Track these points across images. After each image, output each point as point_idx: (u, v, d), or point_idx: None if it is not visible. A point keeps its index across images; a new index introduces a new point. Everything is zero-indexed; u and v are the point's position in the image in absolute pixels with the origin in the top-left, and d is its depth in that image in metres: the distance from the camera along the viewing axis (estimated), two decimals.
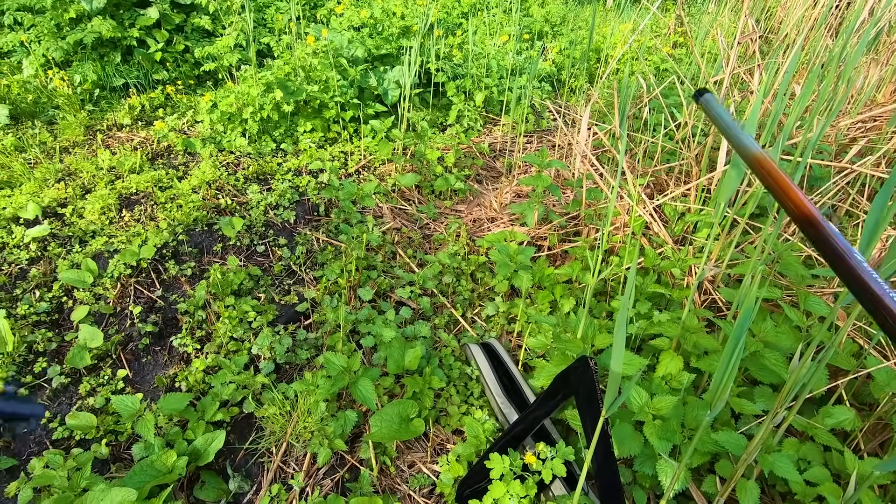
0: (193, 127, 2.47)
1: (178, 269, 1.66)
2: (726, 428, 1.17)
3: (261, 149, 2.36)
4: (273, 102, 2.35)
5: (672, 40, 3.85)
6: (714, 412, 0.85)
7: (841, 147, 2.15)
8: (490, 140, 2.81)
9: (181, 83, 2.71)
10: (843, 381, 1.15)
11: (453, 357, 1.53)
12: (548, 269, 1.72)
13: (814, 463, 1.11)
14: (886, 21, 2.63)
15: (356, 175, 2.34)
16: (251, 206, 1.98)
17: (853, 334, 1.23)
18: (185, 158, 2.24)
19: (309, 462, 1.27)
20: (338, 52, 2.56)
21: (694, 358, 1.29)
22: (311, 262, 1.84)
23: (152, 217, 1.85)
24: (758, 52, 2.19)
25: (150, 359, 1.45)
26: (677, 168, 2.11)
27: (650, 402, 1.15)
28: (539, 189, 1.96)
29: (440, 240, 2.04)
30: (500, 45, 3.21)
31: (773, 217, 1.17)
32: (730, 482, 1.09)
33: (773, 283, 1.46)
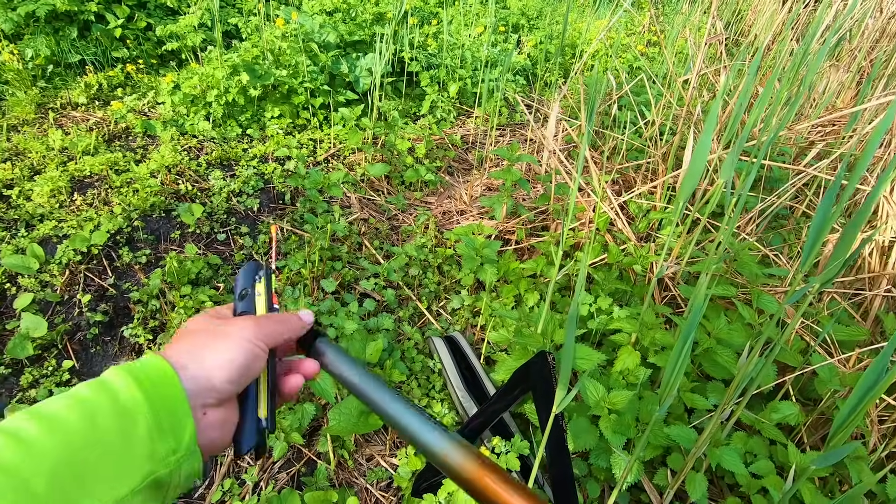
0: (154, 109, 2.38)
1: (133, 257, 1.60)
2: (679, 422, 1.19)
3: (225, 134, 2.29)
4: (239, 86, 2.27)
5: (646, 39, 3.90)
6: (664, 407, 0.86)
7: (801, 150, 2.21)
8: (463, 132, 2.80)
9: (142, 62, 2.60)
10: (790, 378, 1.19)
11: (416, 350, 1.52)
12: (513, 264, 1.73)
13: (760, 456, 1.14)
14: (847, 28, 2.71)
15: (325, 163, 2.29)
16: (213, 192, 1.92)
17: (801, 332, 1.27)
18: (144, 141, 2.15)
19: (264, 457, 1.24)
20: (308, 36, 2.50)
21: (652, 353, 1.31)
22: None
23: (106, 201, 1.78)
24: (724, 53, 2.23)
25: (100, 349, 1.40)
26: (644, 166, 2.14)
27: (606, 397, 1.16)
28: (508, 183, 1.96)
29: (408, 231, 2.02)
30: (475, 37, 3.19)
31: (729, 215, 1.19)
32: (680, 475, 1.11)
33: (729, 281, 1.49)
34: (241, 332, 0.44)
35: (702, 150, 1.06)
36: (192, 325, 0.46)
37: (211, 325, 0.46)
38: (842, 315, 1.33)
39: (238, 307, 0.51)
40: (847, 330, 1.23)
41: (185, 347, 0.42)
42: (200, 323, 0.46)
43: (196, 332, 0.45)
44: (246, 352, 0.43)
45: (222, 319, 0.47)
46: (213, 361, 0.42)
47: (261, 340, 0.45)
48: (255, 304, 0.51)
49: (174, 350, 0.42)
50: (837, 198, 0.75)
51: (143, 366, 0.39)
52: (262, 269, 0.53)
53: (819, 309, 1.33)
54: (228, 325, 0.45)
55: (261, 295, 0.51)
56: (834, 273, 0.83)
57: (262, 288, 0.52)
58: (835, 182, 0.73)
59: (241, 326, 0.45)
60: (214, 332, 0.44)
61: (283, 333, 0.48)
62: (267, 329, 0.46)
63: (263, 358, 0.45)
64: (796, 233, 1.86)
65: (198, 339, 0.44)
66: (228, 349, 0.43)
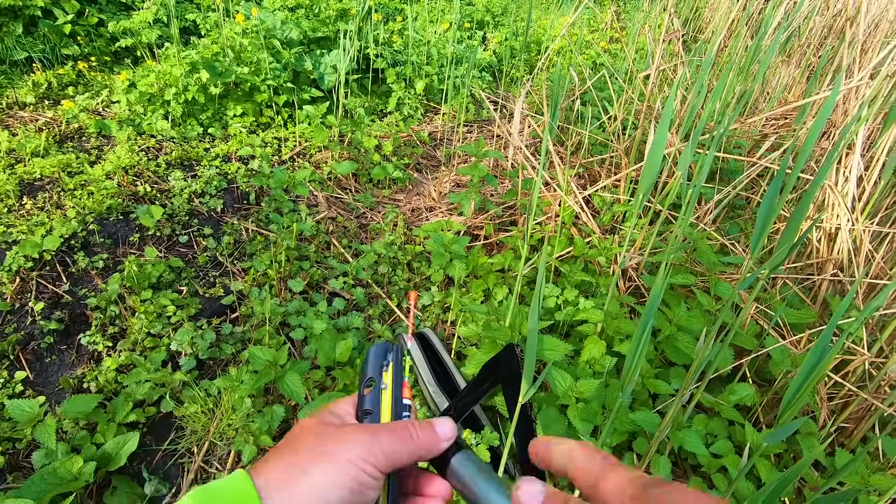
0: (109, 108, 2.29)
1: (89, 262, 1.54)
2: (644, 408, 1.23)
3: (186, 133, 2.22)
4: (199, 84, 2.21)
5: (608, 35, 3.98)
6: (627, 392, 0.89)
7: (755, 142, 2.30)
8: (430, 129, 2.80)
9: (95, 60, 2.50)
10: (746, 360, 1.24)
11: None
12: (482, 259, 1.74)
13: (719, 437, 1.19)
14: (796, 26, 2.83)
15: (290, 162, 2.25)
16: (174, 193, 1.86)
17: (756, 316, 1.33)
18: (98, 142, 2.07)
19: (233, 460, 1.22)
20: (270, 32, 2.45)
21: (617, 342, 1.35)
22: (239, 252, 1.76)
23: (59, 205, 1.70)
24: (681, 49, 2.29)
25: (55, 359, 1.34)
26: (608, 160, 2.19)
27: (574, 386, 1.19)
28: (476, 179, 1.97)
29: (377, 229, 2.01)
30: (441, 33, 3.19)
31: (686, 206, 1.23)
32: (645, 458, 1.15)
33: (689, 270, 1.55)
34: (348, 451, 0.34)
35: (659, 143, 1.10)
36: (301, 431, 0.37)
37: (321, 430, 0.36)
38: (793, 299, 1.40)
39: (363, 404, 0.40)
40: (798, 313, 1.30)
41: (279, 465, 0.34)
42: (311, 427, 0.37)
43: (300, 444, 0.36)
44: (350, 480, 0.34)
45: (336, 426, 0.37)
46: (307, 489, 0.33)
47: (373, 464, 0.35)
48: (382, 400, 0.40)
49: (268, 467, 0.34)
50: (783, 187, 0.79)
51: (224, 487, 0.33)
52: (392, 352, 0.43)
53: (772, 294, 1.40)
54: (335, 437, 0.36)
55: (387, 388, 0.41)
56: (782, 258, 0.87)
57: (390, 377, 0.41)
58: (779, 172, 0.77)
59: (351, 443, 0.35)
60: (316, 447, 0.35)
61: (408, 454, 0.37)
62: (385, 447, 0.36)
63: (376, 486, 0.35)
64: (752, 222, 1.94)
65: (298, 455, 0.35)
66: (327, 475, 0.34)
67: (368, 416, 0.39)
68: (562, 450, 0.34)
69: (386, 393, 0.40)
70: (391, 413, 0.40)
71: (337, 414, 0.39)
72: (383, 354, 0.43)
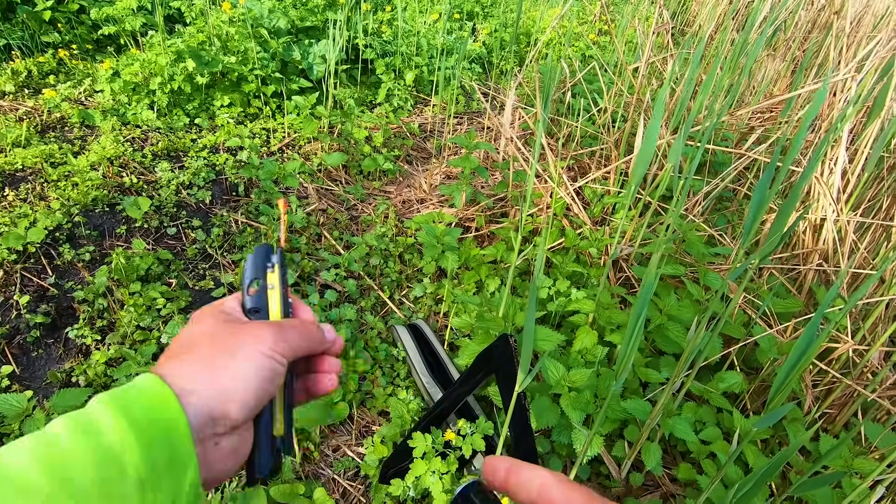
0: (92, 97, 2.24)
1: (75, 254, 1.52)
2: (635, 396, 1.25)
3: (172, 123, 2.18)
4: (185, 73, 2.17)
5: (597, 28, 3.98)
6: (619, 381, 0.90)
7: (742, 135, 2.33)
8: (420, 120, 2.78)
9: (76, 47, 2.44)
10: (734, 349, 1.27)
11: (380, 339, 1.52)
12: (474, 250, 1.75)
13: (708, 424, 1.21)
14: (782, 20, 2.86)
15: (279, 153, 2.23)
16: (161, 185, 1.83)
17: (744, 306, 1.35)
18: (82, 132, 2.03)
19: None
20: (257, 21, 2.41)
21: (608, 332, 1.36)
22: (229, 244, 1.74)
23: (42, 196, 1.67)
24: (671, 42, 2.31)
25: (42, 353, 1.32)
26: (598, 152, 2.20)
27: (567, 376, 1.20)
28: (467, 171, 1.97)
29: (368, 221, 2.00)
30: (430, 24, 3.16)
31: (676, 198, 1.25)
32: (636, 445, 1.17)
33: (678, 260, 1.57)
34: (256, 343, 0.36)
35: (651, 136, 1.11)
36: (197, 328, 0.38)
37: (220, 329, 0.37)
38: (779, 289, 1.43)
39: (247, 302, 0.42)
40: (784, 303, 1.32)
41: (190, 364, 0.34)
42: (206, 324, 0.38)
43: (202, 341, 0.36)
44: (264, 369, 0.36)
45: (232, 323, 0.38)
46: (228, 383, 0.34)
47: (281, 353, 0.37)
48: (269, 299, 0.42)
49: (176, 367, 0.34)
50: (773, 179, 0.80)
51: (137, 393, 0.31)
52: (275, 255, 0.44)
53: (759, 284, 1.42)
54: (242, 332, 0.37)
55: (274, 288, 0.43)
56: (771, 248, 0.88)
57: (277, 279, 0.43)
58: (770, 164, 0.78)
59: (258, 336, 0.37)
60: (226, 343, 0.36)
61: (307, 346, 0.40)
62: (290, 341, 0.38)
63: (282, 373, 0.37)
64: (739, 213, 1.97)
65: (205, 351, 0.35)
66: (243, 367, 0.35)
67: (256, 314, 0.41)
68: (531, 478, 0.30)
69: (274, 294, 0.42)
70: (280, 312, 0.42)
71: (228, 312, 0.40)
72: (266, 256, 0.43)
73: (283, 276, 0.43)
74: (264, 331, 0.38)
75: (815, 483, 0.81)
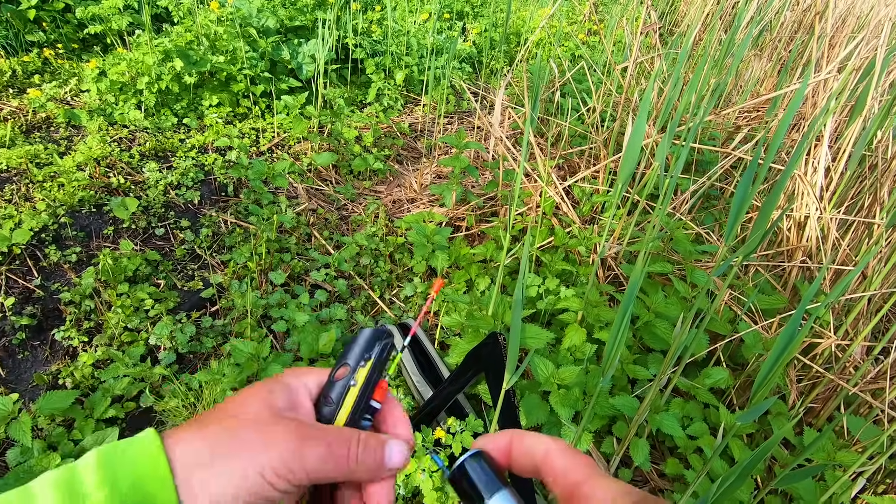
0: (78, 97, 2.22)
1: (61, 255, 1.50)
2: (623, 393, 1.26)
3: (160, 123, 2.17)
4: (173, 73, 2.16)
5: (586, 28, 4.01)
6: (607, 377, 0.91)
7: (729, 134, 2.36)
8: (411, 120, 2.78)
9: (62, 47, 2.41)
10: (720, 345, 1.28)
11: None
12: (464, 249, 1.75)
13: (695, 419, 1.23)
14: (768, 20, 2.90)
15: (269, 153, 2.22)
16: (148, 185, 1.82)
17: (730, 303, 1.37)
18: (68, 132, 2.01)
19: None
20: (246, 21, 2.40)
21: (597, 329, 1.38)
22: (218, 245, 1.73)
23: (28, 197, 1.65)
24: (658, 42, 2.33)
25: (28, 355, 1.31)
26: (587, 151, 2.22)
27: (556, 373, 1.21)
28: (457, 170, 1.97)
29: (358, 221, 2.00)
30: (420, 23, 3.16)
31: (663, 196, 1.26)
32: (624, 441, 1.18)
33: (666, 258, 1.58)
34: (261, 454, 0.29)
35: (637, 134, 1.12)
36: (234, 406, 0.32)
37: (252, 415, 0.31)
38: (765, 286, 1.45)
39: (329, 389, 0.35)
40: (769, 299, 1.34)
41: (201, 444, 0.29)
42: (246, 404, 0.32)
43: (228, 421, 0.31)
44: (250, 494, 0.29)
45: (269, 414, 0.31)
46: (220, 485, 0.28)
47: (287, 478, 0.29)
48: (346, 396, 0.35)
49: (188, 441, 0.29)
50: (755, 177, 0.81)
51: (133, 460, 0.28)
52: (377, 345, 0.37)
53: (745, 281, 1.44)
54: (261, 431, 0.30)
55: (356, 385, 0.35)
56: (754, 245, 0.90)
57: (363, 377, 0.35)
58: (752, 162, 0.79)
59: (269, 444, 0.30)
60: (238, 436, 0.30)
61: (338, 475, 0.31)
62: (308, 463, 0.30)
63: (289, 497, 0.31)
64: (726, 212, 1.99)
65: (222, 435, 0.30)
66: (233, 478, 0.29)
67: (327, 406, 0.35)
68: (535, 444, 0.30)
69: (353, 391, 0.35)
70: (348, 416, 0.35)
71: (291, 389, 0.34)
72: (372, 343, 0.36)
73: (376, 372, 0.36)
74: (280, 441, 0.30)
75: (799, 475, 0.83)
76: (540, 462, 0.30)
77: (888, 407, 1.04)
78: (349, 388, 0.35)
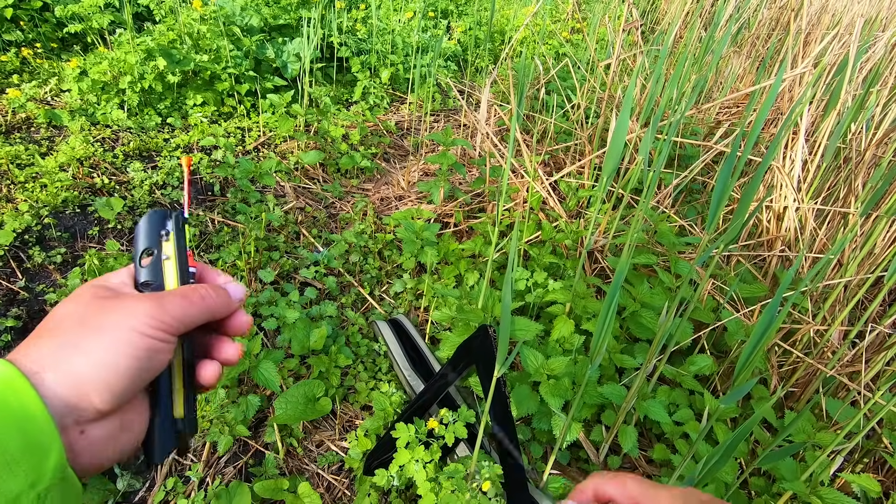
0: (59, 97, 2.18)
1: (46, 256, 1.48)
2: (611, 382, 1.29)
3: (143, 123, 2.15)
4: (156, 72, 2.14)
5: (570, 26, 4.05)
6: (594, 365, 0.94)
7: (710, 129, 2.41)
8: (397, 118, 2.79)
9: (40, 46, 2.37)
10: (704, 332, 1.32)
11: (360, 335, 1.53)
12: (453, 245, 1.77)
13: (681, 405, 1.26)
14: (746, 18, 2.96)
15: (255, 152, 2.21)
16: (133, 185, 1.80)
17: (713, 292, 1.41)
18: (49, 132, 1.98)
19: (208, 452, 1.21)
20: (229, 19, 2.38)
21: (584, 321, 1.40)
22: (205, 244, 1.72)
23: (9, 198, 1.62)
24: (640, 39, 2.37)
25: None
26: (573, 147, 2.25)
27: (545, 364, 1.23)
28: (444, 167, 1.99)
29: (346, 219, 2.00)
30: (405, 22, 3.17)
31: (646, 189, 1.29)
32: (613, 429, 1.21)
33: (651, 251, 1.62)
34: (127, 319, 0.32)
35: (621, 130, 1.14)
36: (64, 308, 0.33)
37: (93, 305, 0.33)
38: (746, 275, 1.49)
39: (140, 276, 0.37)
40: (750, 287, 1.38)
41: (45, 346, 0.30)
42: (81, 301, 0.33)
43: (69, 320, 0.32)
44: (136, 350, 0.31)
45: (108, 298, 0.34)
46: (86, 367, 0.30)
47: (162, 329, 0.33)
48: (164, 270, 0.37)
49: (33, 349, 0.30)
50: (734, 170, 0.84)
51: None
52: (169, 221, 0.39)
53: (727, 271, 1.48)
54: (114, 308, 0.33)
55: (170, 258, 0.38)
56: (733, 234, 0.93)
57: (172, 247, 0.38)
58: (730, 155, 0.82)
59: (131, 310, 0.32)
60: (89, 322, 0.32)
61: (199, 315, 0.36)
62: (173, 311, 0.34)
63: (168, 350, 0.34)
64: (708, 205, 2.03)
65: (69, 331, 0.31)
66: (108, 348, 0.31)
67: (149, 287, 0.37)
68: (614, 482, 0.40)
69: (169, 264, 0.37)
70: (178, 282, 0.37)
71: (110, 287, 0.35)
72: (161, 222, 0.38)
73: (181, 242, 0.38)
74: (139, 304, 0.33)
75: (779, 455, 0.86)
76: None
77: (864, 388, 1.09)
78: (164, 263, 0.37)
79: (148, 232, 0.38)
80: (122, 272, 0.37)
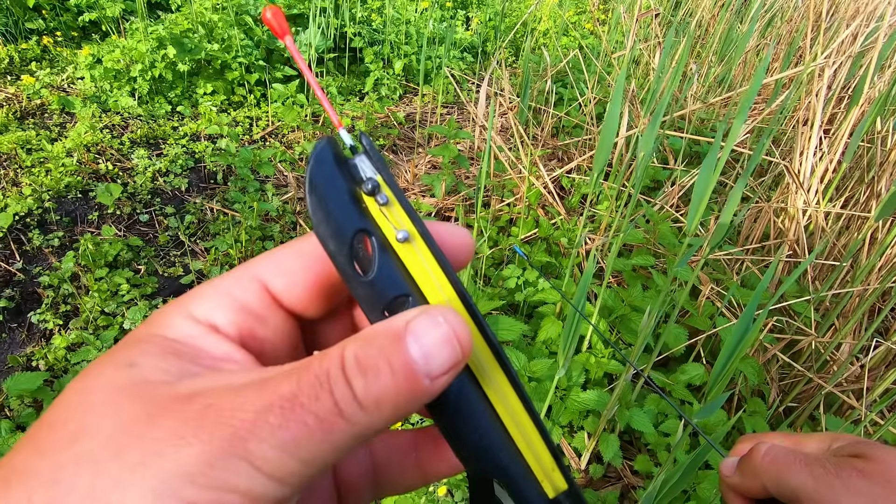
0: (74, 84, 2.24)
1: (44, 240, 1.52)
2: (598, 387, 1.24)
3: (153, 111, 2.18)
4: (167, 60, 2.16)
5: (595, 17, 3.92)
6: (563, 369, 0.89)
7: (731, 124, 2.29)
8: (409, 110, 2.76)
9: (61, 34, 2.44)
10: (700, 338, 1.25)
11: None
12: None
13: (671, 415, 1.20)
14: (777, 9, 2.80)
15: (261, 142, 2.22)
16: (136, 172, 1.83)
17: (713, 298, 1.33)
18: (61, 119, 2.03)
19: None
20: (242, 8, 2.39)
21: None
22: (203, 232, 1.74)
23: (16, 182, 1.67)
24: (658, 30, 2.26)
25: (6, 337, 1.32)
26: (583, 142, 2.17)
27: (527, 365, 1.19)
28: (447, 160, 1.95)
29: None
30: (421, 12, 3.13)
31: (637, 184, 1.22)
32: (594, 437, 1.16)
33: (651, 251, 1.54)
34: (168, 479, 0.13)
35: (611, 122, 1.08)
36: (95, 399, 0.15)
37: (128, 417, 0.15)
38: (753, 280, 1.40)
39: (366, 263, 0.18)
40: (749, 293, 1.30)
41: (40, 479, 0.14)
42: (102, 410, 0.15)
43: (84, 432, 0.14)
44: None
45: (166, 397, 0.15)
46: None
47: (241, 491, 0.14)
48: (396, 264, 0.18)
49: (18, 476, 0.14)
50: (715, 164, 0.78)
51: None
52: (358, 156, 0.19)
53: (730, 275, 1.40)
54: (148, 441, 0.14)
55: (388, 203, 0.19)
56: (721, 235, 0.86)
57: (388, 192, 0.19)
58: (712, 149, 0.76)
59: (174, 454, 0.14)
60: (110, 469, 0.14)
61: (335, 445, 0.15)
62: (269, 453, 0.14)
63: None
64: (720, 205, 1.93)
65: (75, 465, 0.14)
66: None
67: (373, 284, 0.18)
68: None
69: (413, 246, 0.18)
70: (447, 280, 0.18)
71: (176, 343, 0.17)
72: (337, 162, 0.19)
73: (391, 181, 0.19)
74: (197, 433, 0.14)
75: None
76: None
77: (865, 408, 1.00)
78: (390, 249, 0.18)
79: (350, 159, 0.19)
80: (185, 307, 0.18)
